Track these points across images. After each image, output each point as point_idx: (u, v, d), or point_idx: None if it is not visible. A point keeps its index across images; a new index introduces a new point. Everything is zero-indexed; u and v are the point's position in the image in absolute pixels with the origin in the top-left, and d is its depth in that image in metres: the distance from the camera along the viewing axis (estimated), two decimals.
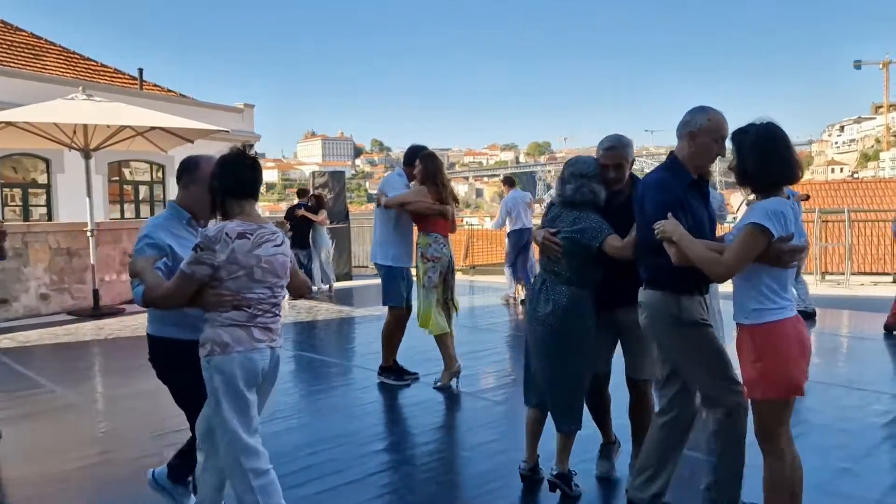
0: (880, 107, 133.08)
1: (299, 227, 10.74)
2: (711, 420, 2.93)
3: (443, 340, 5.38)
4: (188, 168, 2.94)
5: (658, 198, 2.88)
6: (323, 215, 11.17)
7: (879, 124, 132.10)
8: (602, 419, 3.69)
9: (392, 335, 5.62)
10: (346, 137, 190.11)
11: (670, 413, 3.02)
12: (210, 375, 2.62)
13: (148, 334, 3.02)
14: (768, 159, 2.63)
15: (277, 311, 2.75)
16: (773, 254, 2.59)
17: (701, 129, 2.91)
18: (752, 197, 2.80)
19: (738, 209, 6.84)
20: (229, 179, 2.66)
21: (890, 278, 11.31)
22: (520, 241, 9.37)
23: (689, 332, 2.91)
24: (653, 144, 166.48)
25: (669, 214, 2.78)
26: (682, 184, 2.92)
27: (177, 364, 2.88)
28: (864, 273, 11.99)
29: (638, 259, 3.06)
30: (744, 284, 2.71)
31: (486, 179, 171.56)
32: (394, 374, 5.62)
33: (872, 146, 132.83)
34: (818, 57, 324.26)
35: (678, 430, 3.04)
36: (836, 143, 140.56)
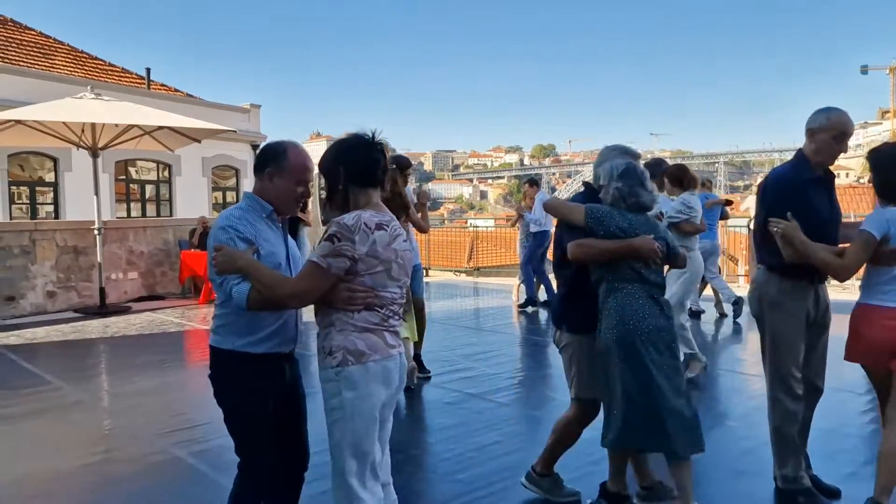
0: (887, 112, 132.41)
1: (290, 229, 10.31)
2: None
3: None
4: (275, 156, 2.49)
5: (777, 187, 3.19)
6: (310, 215, 10.86)
7: (886, 129, 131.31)
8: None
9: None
10: (382, 141, 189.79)
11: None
12: (338, 390, 2.25)
13: (213, 347, 2.51)
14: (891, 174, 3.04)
15: (402, 314, 2.46)
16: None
17: (820, 127, 3.16)
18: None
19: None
20: (359, 164, 2.33)
21: None
22: (545, 243, 9.27)
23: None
24: (658, 148, 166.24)
25: (789, 215, 3.01)
26: (802, 177, 3.16)
27: (242, 382, 2.44)
28: None
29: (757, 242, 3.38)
30: None
31: (490, 181, 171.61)
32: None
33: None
34: (824, 61, 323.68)
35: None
36: None
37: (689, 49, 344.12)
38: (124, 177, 16.77)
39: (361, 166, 2.33)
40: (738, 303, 7.80)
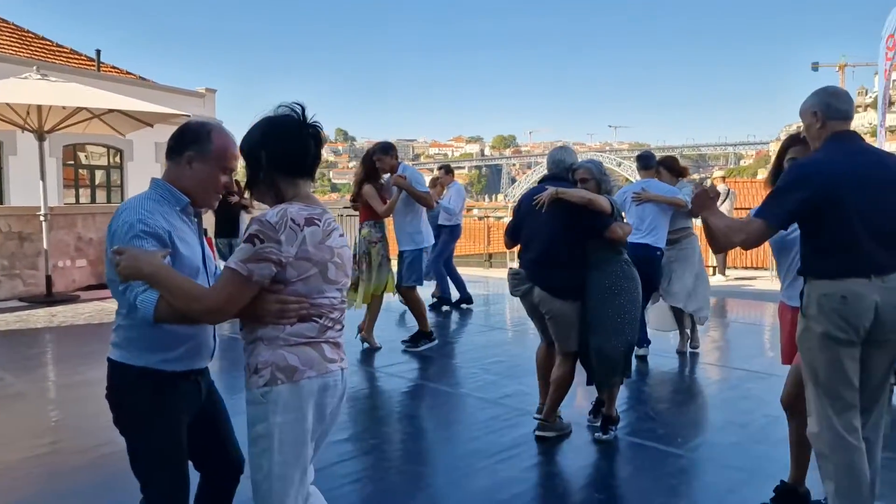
0: None
1: (228, 215, 9.09)
2: None
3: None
4: (197, 138, 2.11)
5: None
6: (252, 200, 10.43)
7: None
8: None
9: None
10: (317, 123, 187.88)
11: None
12: (265, 415, 1.93)
13: (115, 361, 2.12)
14: None
15: (343, 321, 2.10)
16: None
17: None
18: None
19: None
20: (286, 149, 1.99)
21: None
22: (458, 236, 8.90)
23: None
24: (616, 140, 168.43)
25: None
26: None
27: (151, 404, 2.09)
28: None
29: None
30: None
31: None
32: (425, 339, 6.24)
33: None
34: (776, 57, 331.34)
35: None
36: None
37: (646, 44, 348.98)
38: (73, 162, 16.25)
39: (288, 152, 1.99)
40: None
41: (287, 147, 1.99)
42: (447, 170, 9.02)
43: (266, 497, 1.98)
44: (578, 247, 3.91)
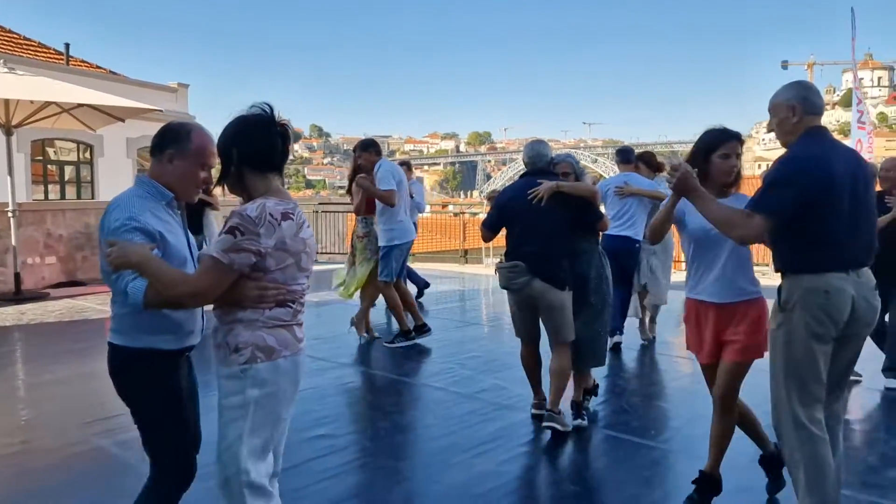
0: None
1: (191, 212, 9.08)
2: None
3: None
4: (177, 137, 2.30)
5: None
6: (216, 198, 10.08)
7: None
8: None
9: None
10: (285, 121, 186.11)
11: None
12: (241, 388, 2.10)
13: (116, 345, 2.31)
14: None
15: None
16: None
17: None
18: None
19: None
20: (255, 146, 2.15)
21: None
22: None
23: None
24: (590, 137, 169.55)
25: None
26: None
27: (153, 379, 2.31)
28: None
29: None
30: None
31: (426, 168, 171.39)
32: (414, 333, 6.31)
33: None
34: (748, 56, 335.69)
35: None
36: (764, 139, 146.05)
37: (619, 41, 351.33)
38: (42, 157, 15.95)
39: (257, 148, 2.15)
40: None
41: (257, 144, 2.16)
42: (408, 166, 8.64)
43: (228, 463, 2.13)
44: (572, 238, 4.08)
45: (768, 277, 8.17)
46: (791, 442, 2.68)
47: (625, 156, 6.35)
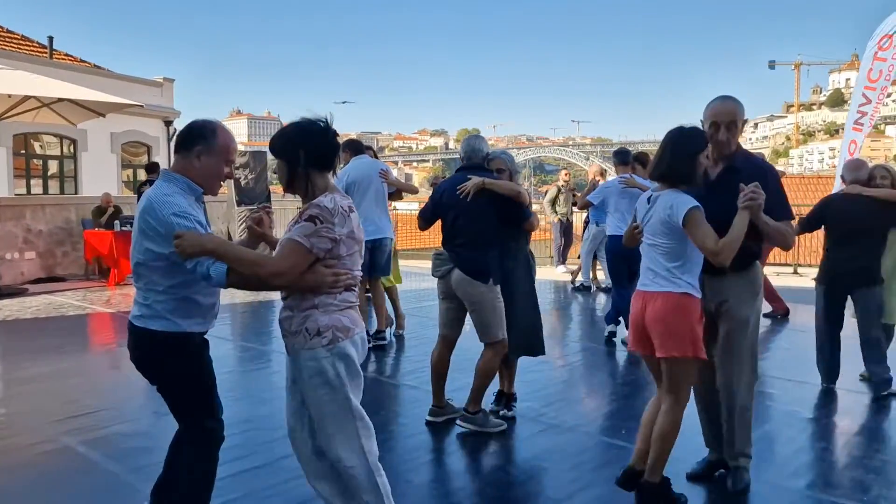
0: (791, 106, 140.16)
1: None
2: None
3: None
4: (203, 135, 2.51)
5: None
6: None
7: (790, 122, 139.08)
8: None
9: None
10: (273, 117, 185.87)
11: None
12: (330, 366, 2.36)
13: (154, 331, 2.47)
14: None
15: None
16: None
17: (704, 117, 3.28)
18: None
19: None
20: (321, 148, 2.41)
21: (790, 269, 11.95)
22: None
23: None
24: (579, 135, 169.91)
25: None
26: None
27: (193, 358, 2.57)
28: (768, 264, 12.62)
29: None
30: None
31: (415, 164, 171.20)
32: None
33: (783, 143, 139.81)
34: (736, 55, 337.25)
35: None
36: (751, 139, 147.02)
37: (609, 39, 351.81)
38: (24, 151, 15.80)
39: (323, 150, 2.42)
40: None
41: (322, 148, 2.42)
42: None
43: (341, 424, 2.41)
44: (499, 235, 4.06)
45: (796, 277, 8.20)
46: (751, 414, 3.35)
47: (622, 157, 6.53)
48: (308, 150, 2.39)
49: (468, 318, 4.15)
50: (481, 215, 3.98)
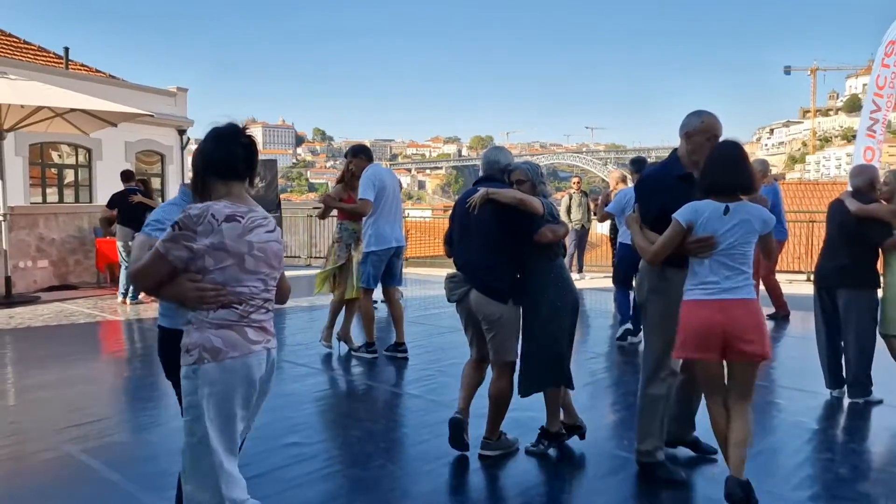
0: (808, 111, 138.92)
1: (133, 216, 8.66)
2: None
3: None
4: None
5: (647, 184, 3.58)
6: (158, 202, 9.56)
7: (806, 128, 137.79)
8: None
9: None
10: (288, 125, 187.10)
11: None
12: (194, 388, 2.21)
13: (160, 327, 2.60)
14: None
15: (271, 307, 2.41)
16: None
17: (695, 130, 3.41)
18: None
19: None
20: (216, 155, 2.31)
21: (804, 276, 11.82)
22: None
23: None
24: (593, 141, 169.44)
25: (636, 206, 3.55)
26: (671, 174, 3.46)
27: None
28: (780, 271, 12.48)
29: None
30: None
31: (428, 172, 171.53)
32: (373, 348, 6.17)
33: (799, 149, 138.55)
34: (750, 61, 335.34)
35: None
36: (766, 145, 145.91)
37: (623, 45, 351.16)
38: (40, 160, 15.99)
39: (219, 157, 2.32)
40: None
41: (218, 154, 2.33)
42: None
43: (195, 459, 2.24)
44: (514, 249, 3.73)
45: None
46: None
47: (639, 166, 6.67)
48: (205, 156, 2.33)
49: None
50: (490, 229, 3.70)
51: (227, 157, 2.32)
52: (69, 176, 16.76)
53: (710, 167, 3.17)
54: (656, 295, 3.44)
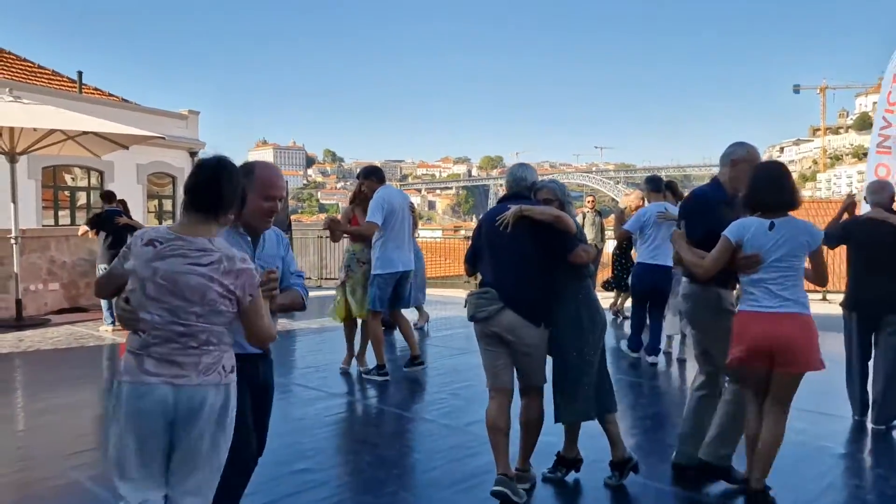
0: (818, 130, 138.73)
1: (121, 238, 8.43)
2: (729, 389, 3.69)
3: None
4: (243, 173, 2.54)
5: (696, 204, 3.79)
6: (140, 223, 9.53)
7: (817, 146, 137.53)
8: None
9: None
10: (299, 147, 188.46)
11: (705, 389, 3.79)
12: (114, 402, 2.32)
13: None
14: None
15: (193, 343, 2.24)
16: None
17: (741, 158, 3.69)
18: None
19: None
20: (185, 186, 2.36)
21: (819, 295, 11.65)
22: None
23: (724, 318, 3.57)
24: (602, 161, 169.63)
25: (682, 224, 3.71)
26: (717, 198, 3.70)
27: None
28: None
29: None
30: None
31: (438, 192, 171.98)
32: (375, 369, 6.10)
33: (810, 167, 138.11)
34: (760, 80, 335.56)
35: (712, 401, 3.74)
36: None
37: (632, 65, 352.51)
38: (52, 183, 16.10)
39: (185, 187, 2.35)
40: None
41: (186, 184, 2.35)
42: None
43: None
44: (549, 270, 3.58)
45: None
46: None
47: (656, 185, 6.77)
48: (185, 185, 2.38)
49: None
50: (525, 247, 3.54)
51: (190, 188, 2.34)
52: (82, 198, 16.87)
53: (755, 185, 3.36)
54: (704, 310, 3.66)
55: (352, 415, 5.34)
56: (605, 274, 11.73)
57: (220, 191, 2.30)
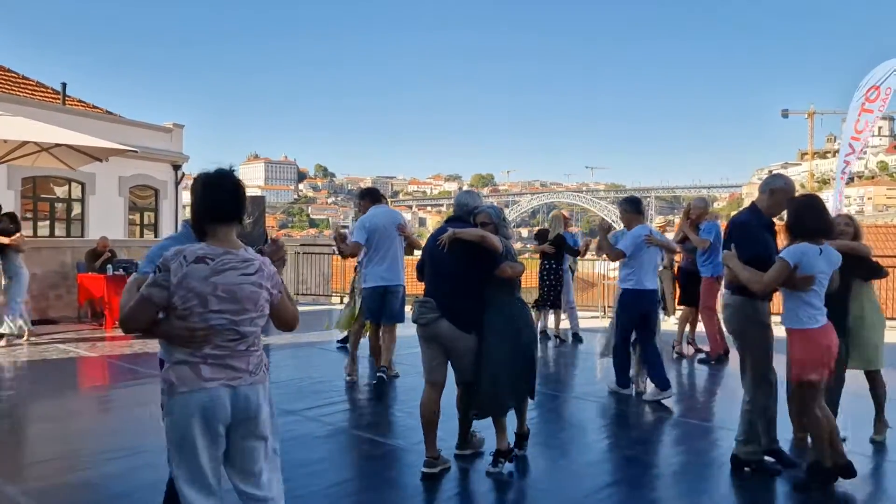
0: (805, 154, 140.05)
1: None
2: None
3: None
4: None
5: (740, 228, 4.26)
6: (18, 237, 8.70)
7: (804, 170, 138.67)
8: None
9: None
10: (290, 161, 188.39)
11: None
12: (163, 417, 2.42)
13: (161, 359, 2.74)
14: None
15: (243, 346, 2.45)
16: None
17: (780, 188, 4.27)
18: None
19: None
20: (205, 203, 2.46)
21: None
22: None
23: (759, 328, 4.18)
24: (593, 181, 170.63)
25: (733, 246, 4.12)
26: (758, 222, 4.24)
27: None
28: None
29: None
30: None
31: (429, 209, 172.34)
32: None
33: (798, 191, 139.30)
34: (749, 104, 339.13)
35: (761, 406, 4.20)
36: None
37: (623, 86, 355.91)
38: (32, 194, 16.04)
39: (206, 205, 2.47)
40: None
41: (206, 201, 2.47)
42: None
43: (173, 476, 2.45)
44: (479, 284, 4.13)
45: None
46: None
47: (637, 206, 6.30)
48: (195, 204, 2.49)
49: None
50: (458, 265, 4.10)
51: (212, 205, 2.46)
52: (61, 210, 16.80)
53: (801, 214, 3.87)
54: (751, 323, 4.17)
55: (303, 433, 5.25)
56: (589, 295, 11.66)
57: (238, 200, 2.50)
